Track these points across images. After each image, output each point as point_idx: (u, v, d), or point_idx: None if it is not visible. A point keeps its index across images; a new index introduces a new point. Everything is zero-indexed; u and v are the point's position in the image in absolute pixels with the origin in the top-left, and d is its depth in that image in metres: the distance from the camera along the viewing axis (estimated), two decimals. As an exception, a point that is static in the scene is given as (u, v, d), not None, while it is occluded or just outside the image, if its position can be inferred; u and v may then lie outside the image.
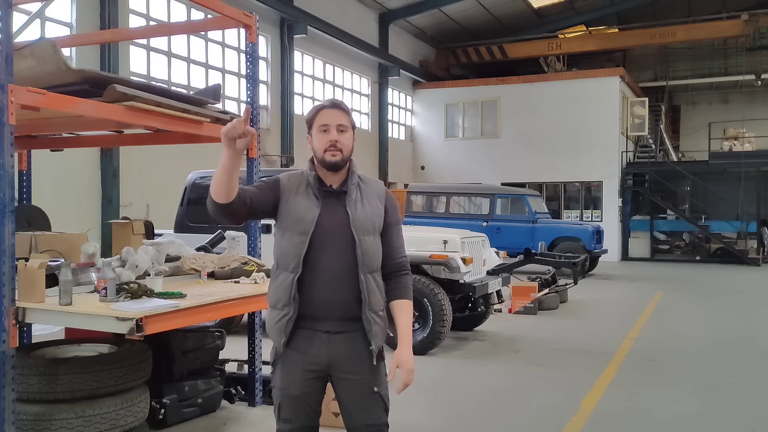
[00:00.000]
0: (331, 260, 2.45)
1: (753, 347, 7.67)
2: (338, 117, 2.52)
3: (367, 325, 2.48)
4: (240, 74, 14.90)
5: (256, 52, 5.17)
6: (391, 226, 2.61)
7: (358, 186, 2.57)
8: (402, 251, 2.66)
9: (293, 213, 2.49)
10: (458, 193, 17.19)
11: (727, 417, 5.05)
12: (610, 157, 21.14)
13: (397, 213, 2.65)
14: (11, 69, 3.38)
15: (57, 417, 3.60)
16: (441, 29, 23.60)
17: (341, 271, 2.46)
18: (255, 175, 5.10)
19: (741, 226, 20.35)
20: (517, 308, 9.72)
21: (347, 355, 2.50)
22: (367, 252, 2.48)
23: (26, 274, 3.52)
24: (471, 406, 5.21)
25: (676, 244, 22.57)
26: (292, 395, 2.52)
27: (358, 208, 2.51)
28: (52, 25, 10.80)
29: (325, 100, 2.63)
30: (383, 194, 2.62)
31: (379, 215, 2.57)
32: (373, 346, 2.51)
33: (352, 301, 2.47)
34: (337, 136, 2.50)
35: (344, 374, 2.51)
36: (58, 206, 8.45)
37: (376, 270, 2.53)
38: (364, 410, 2.53)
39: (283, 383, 2.54)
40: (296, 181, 2.57)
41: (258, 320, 5.00)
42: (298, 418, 2.55)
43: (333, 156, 2.49)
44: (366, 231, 2.50)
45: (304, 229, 2.46)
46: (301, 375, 2.51)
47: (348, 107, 2.62)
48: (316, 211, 2.48)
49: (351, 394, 2.52)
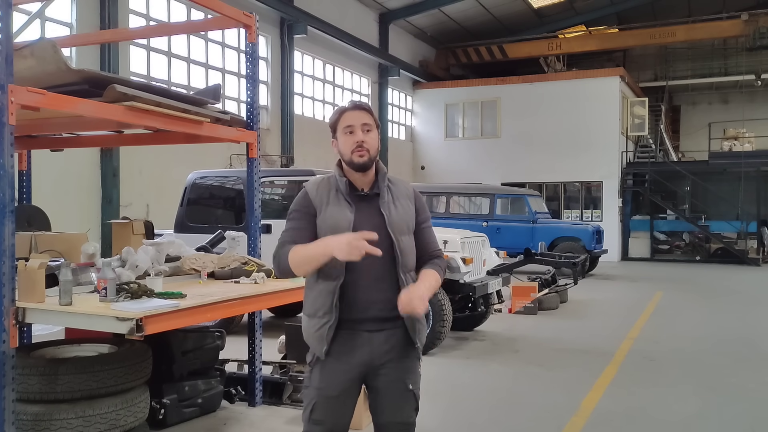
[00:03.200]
0: (371, 263, 2.43)
1: (753, 347, 7.67)
2: (362, 117, 2.53)
3: (408, 322, 2.51)
4: (240, 74, 14.90)
5: (256, 52, 5.17)
6: (423, 224, 2.65)
7: (388, 188, 2.58)
8: (436, 246, 2.70)
9: (328, 221, 2.49)
10: (458, 193, 17.18)
11: (727, 417, 5.05)
12: (610, 157, 21.13)
13: (426, 211, 2.70)
14: (11, 69, 3.38)
15: (57, 417, 3.60)
16: (441, 29, 23.60)
17: (381, 273, 2.48)
18: (255, 175, 5.10)
19: (741, 226, 20.35)
20: (517, 308, 9.72)
21: (388, 351, 2.51)
22: (405, 252, 2.51)
23: (26, 274, 3.52)
24: (471, 406, 5.21)
25: (676, 244, 22.57)
26: (329, 396, 2.49)
27: (392, 210, 2.53)
28: (52, 25, 10.79)
29: (346, 102, 2.64)
30: (412, 194, 2.65)
31: (411, 215, 2.60)
32: (418, 343, 2.56)
33: (393, 300, 2.46)
34: (363, 136, 2.50)
35: (382, 369, 2.51)
36: (58, 206, 8.45)
37: (412, 269, 2.58)
38: (397, 407, 2.54)
39: (322, 383, 2.51)
40: (325, 188, 2.56)
41: (258, 320, 5.00)
42: (329, 419, 2.51)
43: (361, 156, 2.49)
44: (402, 231, 2.53)
45: None
46: (343, 376, 2.50)
47: (370, 106, 2.63)
48: (350, 216, 2.48)
49: (386, 389, 2.53)
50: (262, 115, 15.64)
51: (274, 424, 4.64)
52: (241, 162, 13.21)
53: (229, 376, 5.10)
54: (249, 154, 5.10)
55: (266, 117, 16.03)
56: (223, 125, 4.77)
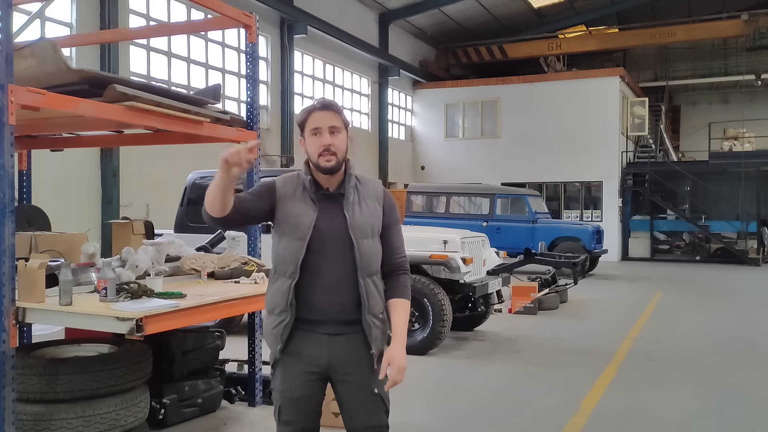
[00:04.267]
0: (330, 265, 2.43)
1: (753, 347, 7.67)
2: (330, 119, 2.46)
3: (367, 329, 2.47)
4: (240, 74, 14.90)
5: (256, 52, 5.17)
6: (390, 227, 2.57)
7: (355, 188, 2.52)
8: (401, 251, 2.62)
9: (290, 218, 2.46)
10: (458, 193, 17.18)
11: (727, 417, 5.05)
12: (610, 157, 21.14)
13: (395, 213, 2.62)
14: (11, 69, 3.37)
15: (57, 417, 3.60)
16: (441, 29, 23.60)
17: (340, 276, 2.44)
18: (255, 175, 5.10)
19: (741, 226, 20.35)
20: (517, 308, 9.72)
21: (347, 356, 2.48)
22: (365, 255, 2.45)
23: (26, 274, 3.52)
24: (471, 406, 5.21)
25: (676, 244, 22.56)
26: (293, 398, 2.50)
27: (356, 212, 2.47)
28: (52, 25, 10.79)
29: (315, 100, 2.56)
30: (381, 195, 2.57)
31: (377, 217, 2.53)
32: (373, 349, 2.49)
33: (352, 304, 2.45)
34: (330, 139, 2.44)
35: (344, 376, 2.50)
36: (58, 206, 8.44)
37: (375, 273, 2.51)
38: (365, 411, 2.51)
39: (284, 386, 2.52)
40: (292, 184, 2.53)
41: (258, 320, 5.00)
42: (299, 420, 2.53)
43: (328, 161, 2.44)
44: (364, 234, 2.46)
45: (301, 234, 2.43)
46: (301, 377, 2.48)
47: (339, 106, 2.55)
48: (313, 215, 2.44)
49: (351, 395, 2.51)
50: (262, 115, 15.64)
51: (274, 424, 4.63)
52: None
53: (229, 376, 5.10)
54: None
55: (266, 117, 16.04)
56: (223, 125, 4.77)
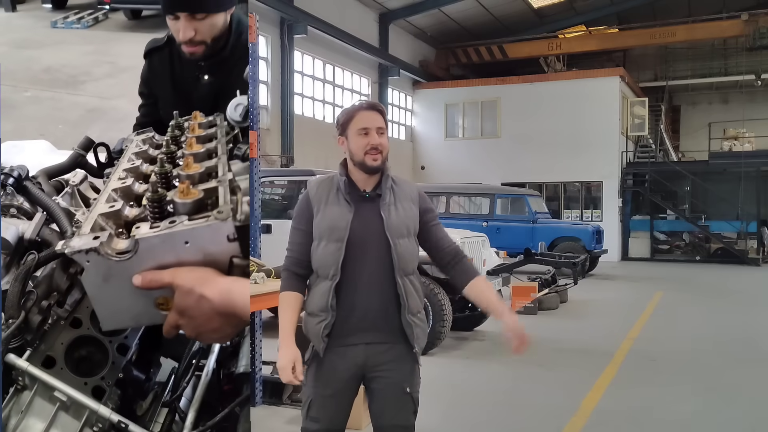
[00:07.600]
0: (368, 265, 2.44)
1: (753, 347, 7.67)
2: (377, 120, 2.48)
3: (408, 329, 2.49)
4: (240, 74, 14.87)
5: (256, 52, 5.17)
6: (430, 224, 2.63)
7: (391, 189, 2.54)
8: (449, 240, 2.69)
9: (326, 221, 2.47)
10: (458, 193, 17.19)
11: (727, 417, 5.05)
12: (610, 157, 21.14)
13: (433, 210, 2.67)
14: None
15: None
16: (441, 29, 23.60)
17: (379, 276, 2.46)
18: (255, 175, 5.09)
19: (741, 226, 20.34)
20: (517, 308, 9.71)
21: (385, 355, 2.50)
22: (402, 255, 2.48)
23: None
24: (471, 406, 5.21)
25: (676, 244, 22.56)
26: (325, 394, 2.50)
27: (392, 212, 2.49)
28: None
29: (359, 101, 2.57)
30: (416, 196, 2.60)
31: (413, 218, 2.56)
32: (416, 348, 2.53)
33: (391, 307, 2.47)
34: (379, 139, 2.46)
35: (380, 372, 2.50)
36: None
37: (412, 273, 2.55)
38: (394, 410, 2.52)
39: (317, 382, 2.51)
40: (326, 187, 2.53)
41: (258, 320, 5.00)
42: (326, 417, 2.51)
43: (375, 160, 2.45)
44: (400, 234, 2.49)
45: (338, 236, 2.44)
46: (337, 375, 2.49)
47: (384, 108, 2.58)
48: (348, 217, 2.45)
49: (384, 392, 2.51)
50: (262, 115, 15.64)
51: (274, 424, 4.64)
52: (241, 162, 13.17)
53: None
54: (249, 154, 5.08)
55: (266, 117, 16.03)
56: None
